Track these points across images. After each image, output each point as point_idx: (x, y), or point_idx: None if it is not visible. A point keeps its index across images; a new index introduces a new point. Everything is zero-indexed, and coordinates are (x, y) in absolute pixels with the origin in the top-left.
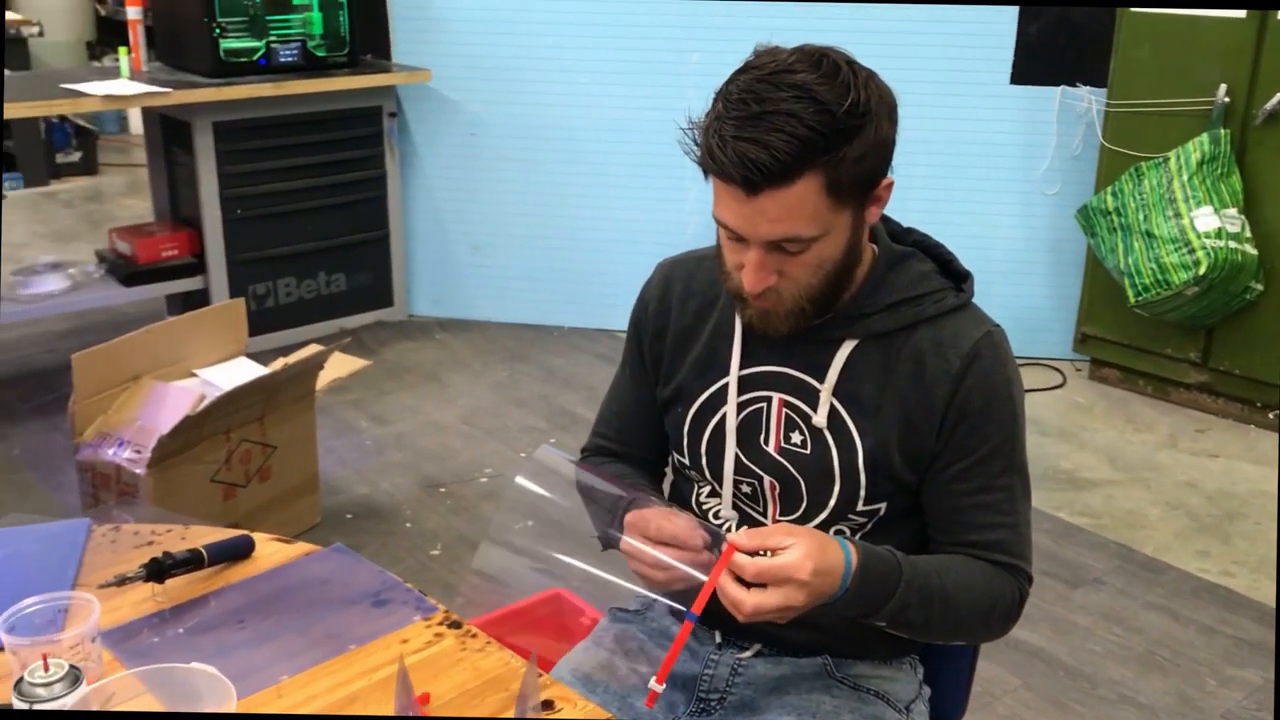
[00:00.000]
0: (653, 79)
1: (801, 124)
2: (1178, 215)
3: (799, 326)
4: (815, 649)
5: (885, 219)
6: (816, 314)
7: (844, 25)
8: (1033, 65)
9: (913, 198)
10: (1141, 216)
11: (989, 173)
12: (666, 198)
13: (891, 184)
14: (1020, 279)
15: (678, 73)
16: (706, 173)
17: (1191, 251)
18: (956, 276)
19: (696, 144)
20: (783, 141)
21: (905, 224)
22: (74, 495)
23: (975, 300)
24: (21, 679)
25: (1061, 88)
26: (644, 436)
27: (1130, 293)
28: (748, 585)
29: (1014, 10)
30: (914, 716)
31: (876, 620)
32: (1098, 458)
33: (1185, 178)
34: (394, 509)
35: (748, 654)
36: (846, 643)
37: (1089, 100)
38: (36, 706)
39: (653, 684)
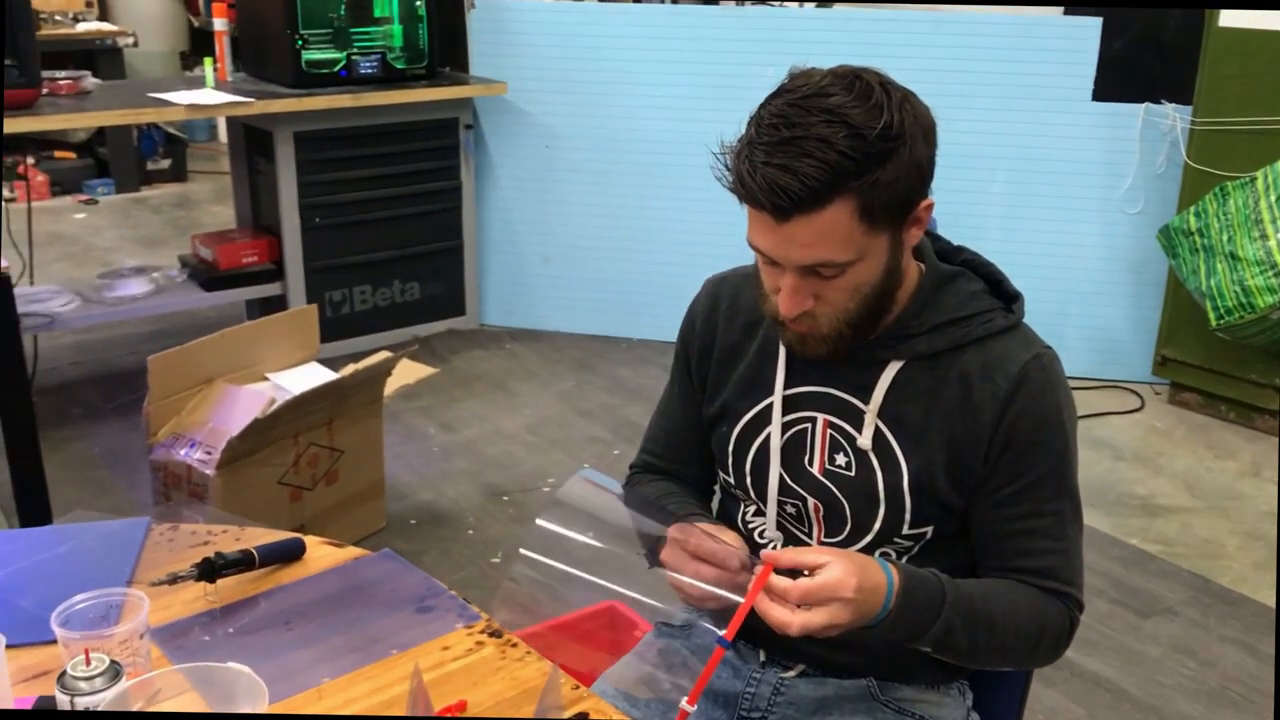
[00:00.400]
0: (727, 93)
1: (831, 149)
2: (1264, 236)
3: (837, 350)
4: (860, 671)
5: (935, 237)
6: (855, 337)
7: (924, 40)
8: (1115, 82)
9: (992, 215)
10: (1226, 238)
11: (1069, 191)
12: (738, 213)
13: (932, 205)
14: (1100, 300)
15: (752, 87)
16: (739, 199)
17: (1278, 274)
18: (1007, 297)
19: (728, 169)
20: (812, 167)
21: (984, 241)
22: (148, 494)
23: (1051, 319)
24: (64, 672)
25: (1145, 105)
26: (692, 454)
27: (1212, 316)
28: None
29: (1097, 26)
30: None
31: (921, 644)
32: (1175, 484)
33: (1273, 198)
34: (457, 516)
35: (791, 674)
36: (892, 666)
37: (1173, 118)
38: (77, 699)
39: (684, 704)
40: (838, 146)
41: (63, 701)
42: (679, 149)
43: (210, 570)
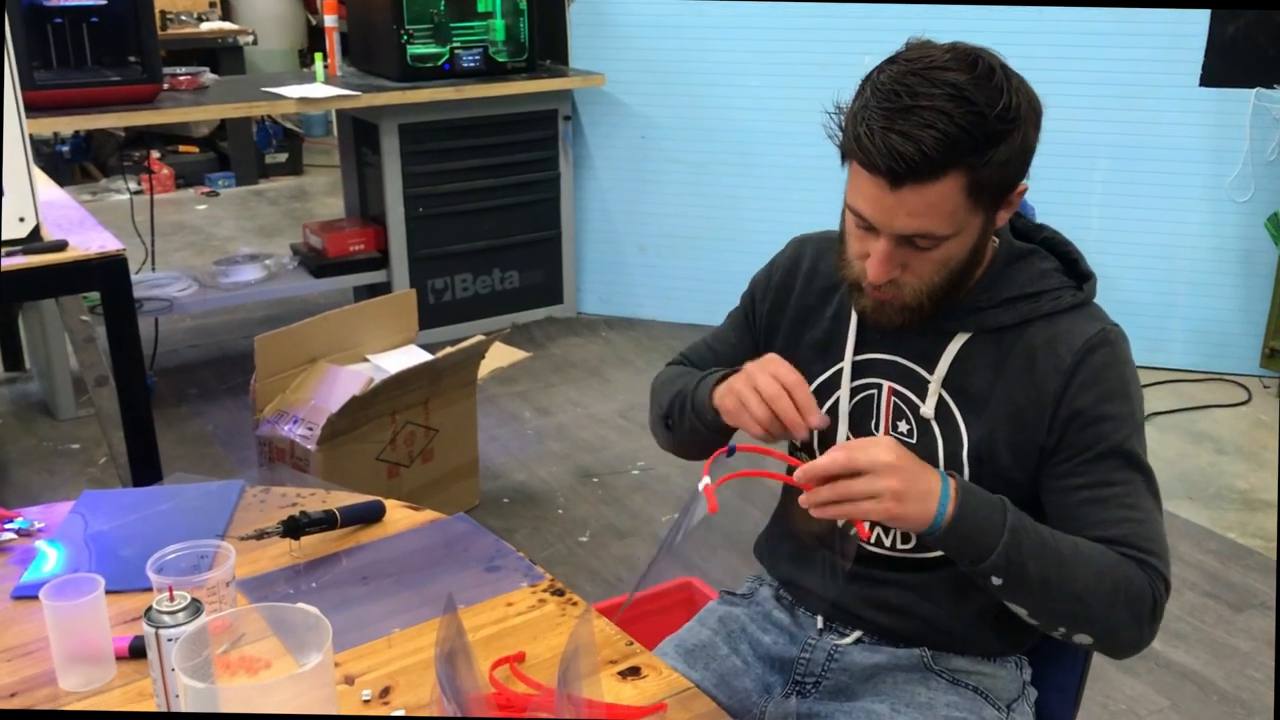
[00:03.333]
0: (823, 81)
1: (953, 122)
2: None
3: (912, 321)
4: (915, 639)
5: (1016, 215)
6: (933, 310)
7: (1024, 26)
8: (1225, 66)
9: (1094, 203)
10: None
11: (1175, 179)
12: (833, 201)
13: (1025, 189)
14: (1206, 290)
15: (849, 75)
16: (847, 158)
17: None
18: (1080, 276)
19: (841, 129)
20: (933, 138)
21: (1086, 230)
22: (256, 469)
23: (1156, 310)
24: (150, 608)
25: (1256, 90)
26: None
27: None
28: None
29: (1205, 10)
30: (1015, 716)
31: (985, 567)
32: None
33: None
34: (548, 496)
35: (847, 641)
36: (948, 635)
37: None
38: (161, 631)
39: (705, 481)
40: (959, 121)
41: (148, 633)
42: (775, 139)
43: (295, 528)
